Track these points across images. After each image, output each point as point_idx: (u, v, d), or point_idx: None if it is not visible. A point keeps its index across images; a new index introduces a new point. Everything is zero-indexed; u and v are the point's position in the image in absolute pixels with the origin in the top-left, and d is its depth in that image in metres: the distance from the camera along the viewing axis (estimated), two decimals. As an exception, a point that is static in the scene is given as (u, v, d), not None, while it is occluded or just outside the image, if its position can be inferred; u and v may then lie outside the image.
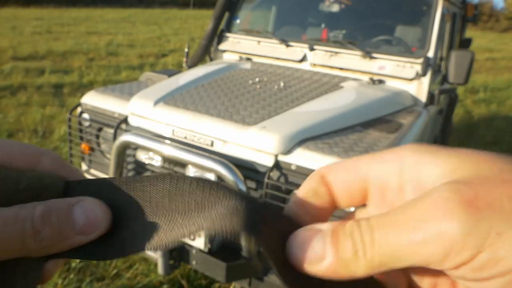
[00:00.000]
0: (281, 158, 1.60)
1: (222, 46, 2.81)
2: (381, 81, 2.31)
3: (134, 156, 1.96)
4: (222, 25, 2.83)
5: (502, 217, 0.18)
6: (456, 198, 0.19)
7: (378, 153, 0.25)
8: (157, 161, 1.87)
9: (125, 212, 0.25)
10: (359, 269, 0.21)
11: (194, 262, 1.74)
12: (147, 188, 0.25)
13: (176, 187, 0.25)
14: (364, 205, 0.26)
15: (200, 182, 0.25)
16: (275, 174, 1.61)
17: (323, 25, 2.74)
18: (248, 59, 2.69)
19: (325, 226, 0.22)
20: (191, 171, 1.76)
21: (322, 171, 0.26)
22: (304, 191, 0.25)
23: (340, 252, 0.21)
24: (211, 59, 2.85)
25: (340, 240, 0.21)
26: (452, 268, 0.19)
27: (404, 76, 2.26)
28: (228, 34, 2.83)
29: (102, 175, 2.21)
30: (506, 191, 0.19)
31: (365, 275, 0.21)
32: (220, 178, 1.67)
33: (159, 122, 1.89)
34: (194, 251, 1.73)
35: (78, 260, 2.18)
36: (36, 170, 0.26)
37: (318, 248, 0.21)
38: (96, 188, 0.26)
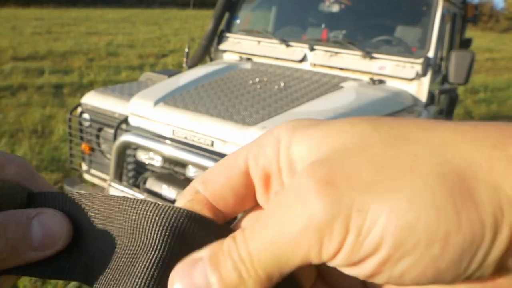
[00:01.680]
0: (281, 158, 1.60)
1: (222, 46, 2.82)
2: (381, 81, 2.31)
3: (134, 156, 1.97)
4: (222, 25, 2.83)
5: (361, 189, 0.16)
6: (312, 181, 0.17)
7: (256, 138, 0.22)
8: (157, 161, 1.87)
9: (91, 232, 0.22)
10: None
11: None
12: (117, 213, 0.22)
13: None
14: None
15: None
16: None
17: (323, 25, 2.74)
18: (248, 59, 2.69)
19: (204, 252, 0.19)
20: (191, 171, 1.76)
21: (195, 184, 0.22)
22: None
23: (224, 278, 0.18)
24: (211, 59, 2.85)
25: (221, 263, 0.18)
26: (331, 258, 0.17)
27: (404, 76, 2.26)
28: (228, 34, 2.83)
29: (102, 175, 2.21)
30: (363, 159, 0.17)
31: None
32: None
33: (159, 122, 1.89)
34: None
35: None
36: None
37: (200, 281, 0.18)
38: (62, 201, 0.23)
